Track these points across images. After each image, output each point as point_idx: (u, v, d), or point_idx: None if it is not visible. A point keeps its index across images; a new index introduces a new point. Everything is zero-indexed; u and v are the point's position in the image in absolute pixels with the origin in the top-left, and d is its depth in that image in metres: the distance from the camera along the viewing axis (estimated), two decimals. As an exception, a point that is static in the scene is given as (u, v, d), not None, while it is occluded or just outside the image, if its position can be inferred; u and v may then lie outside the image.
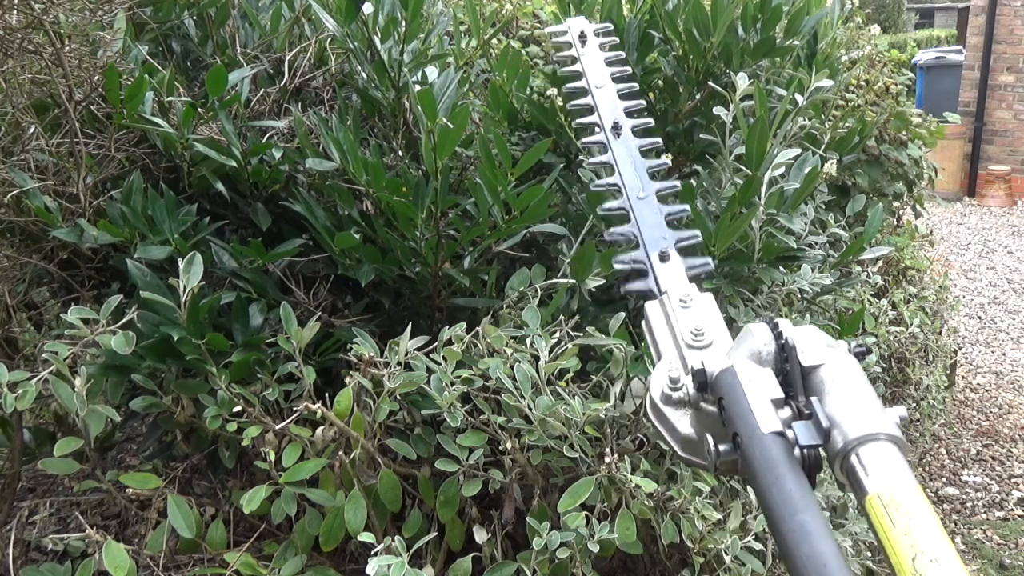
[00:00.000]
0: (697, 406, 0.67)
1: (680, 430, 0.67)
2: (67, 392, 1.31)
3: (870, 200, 2.83)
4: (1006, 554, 3.06)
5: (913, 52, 8.85)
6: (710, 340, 0.73)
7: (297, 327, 1.44)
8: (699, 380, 0.66)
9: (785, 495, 0.54)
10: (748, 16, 1.86)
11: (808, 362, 0.63)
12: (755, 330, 0.66)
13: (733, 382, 0.62)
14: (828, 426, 0.58)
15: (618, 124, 1.03)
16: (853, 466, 0.57)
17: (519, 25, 3.02)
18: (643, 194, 0.95)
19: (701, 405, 0.66)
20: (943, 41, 14.00)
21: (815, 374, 0.63)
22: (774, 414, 0.59)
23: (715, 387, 0.64)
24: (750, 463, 0.57)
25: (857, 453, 0.57)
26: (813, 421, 0.59)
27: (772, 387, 0.62)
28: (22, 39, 1.47)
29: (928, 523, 0.53)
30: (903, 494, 0.54)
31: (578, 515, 1.35)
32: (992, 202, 8.59)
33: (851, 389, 0.60)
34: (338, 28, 1.70)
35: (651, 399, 0.70)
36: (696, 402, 0.67)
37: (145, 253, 1.45)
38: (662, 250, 0.88)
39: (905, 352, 2.95)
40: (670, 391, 0.68)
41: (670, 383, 0.68)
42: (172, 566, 1.43)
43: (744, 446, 0.58)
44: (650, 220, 0.93)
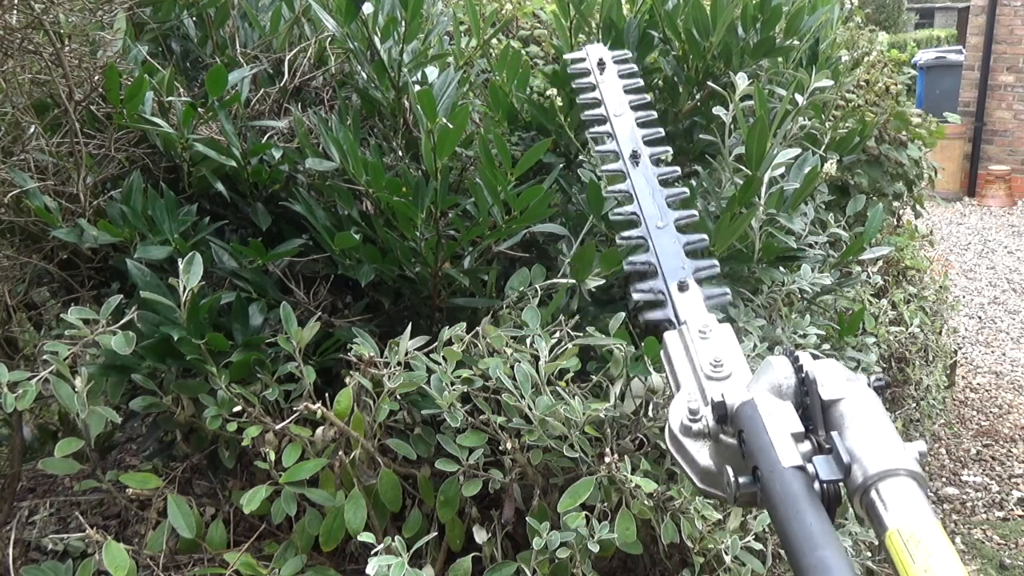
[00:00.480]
0: (717, 438, 0.67)
1: (699, 462, 0.68)
2: (67, 392, 1.31)
3: (870, 200, 2.83)
4: (1006, 554, 3.06)
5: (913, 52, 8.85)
6: (729, 372, 0.73)
7: (297, 327, 1.44)
8: (719, 412, 0.65)
9: (806, 530, 0.54)
10: (748, 16, 1.86)
11: (828, 396, 0.63)
12: (775, 363, 0.66)
13: (753, 415, 0.62)
14: (848, 461, 0.58)
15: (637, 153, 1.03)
16: (873, 501, 0.57)
17: (519, 25, 3.02)
18: (662, 223, 0.95)
19: (721, 437, 0.66)
20: (943, 41, 14.00)
21: (835, 408, 0.63)
22: (794, 448, 0.60)
23: (735, 420, 0.64)
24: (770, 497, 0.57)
25: (877, 488, 0.57)
26: (833, 456, 0.59)
27: (792, 421, 0.62)
28: (22, 39, 1.47)
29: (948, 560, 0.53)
30: (923, 530, 0.54)
31: (578, 515, 1.35)
32: (992, 202, 8.59)
33: (871, 424, 0.60)
34: (338, 28, 1.70)
35: (670, 430, 0.70)
36: (716, 434, 0.67)
37: (145, 253, 1.45)
38: (681, 280, 0.88)
39: (905, 352, 2.95)
40: (690, 422, 0.68)
41: (689, 414, 0.69)
42: (172, 566, 1.43)
43: (764, 480, 0.58)
44: (669, 249, 0.93)
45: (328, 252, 1.60)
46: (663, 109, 2.03)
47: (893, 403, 2.95)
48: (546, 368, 1.42)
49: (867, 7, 13.07)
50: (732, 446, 0.65)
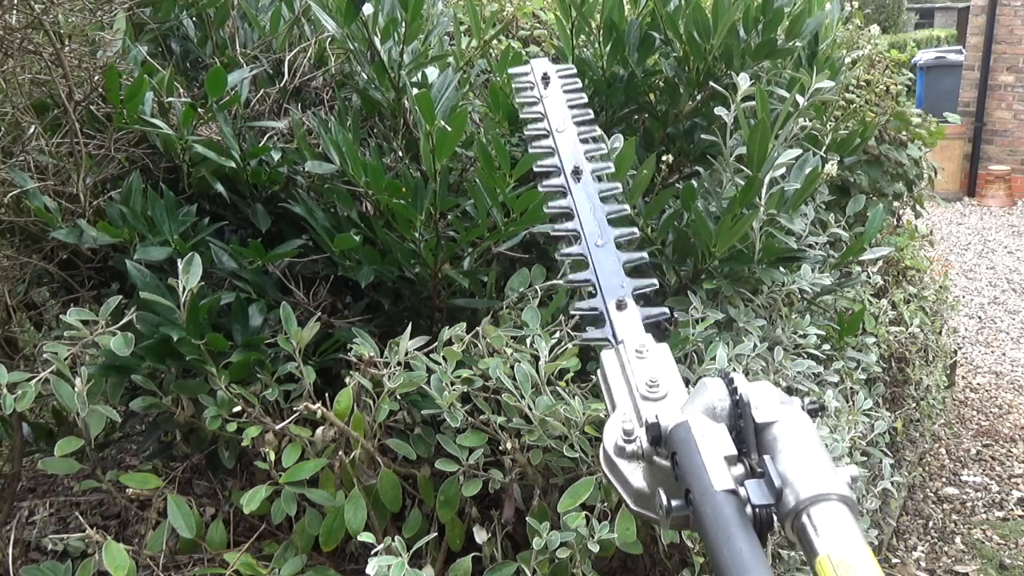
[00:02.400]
0: (650, 460, 0.66)
1: (633, 483, 0.67)
2: (68, 392, 1.31)
3: (870, 200, 2.82)
4: (1006, 554, 3.06)
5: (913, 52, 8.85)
6: (665, 392, 0.73)
7: (297, 327, 1.44)
8: (653, 434, 0.64)
9: (736, 555, 0.54)
10: (749, 18, 1.86)
11: (761, 419, 0.62)
12: (710, 385, 0.66)
13: (687, 437, 0.61)
14: (780, 485, 0.58)
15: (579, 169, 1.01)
16: (804, 526, 0.56)
17: (519, 25, 3.02)
18: (601, 241, 0.94)
19: (654, 459, 0.65)
20: (943, 41, 13.99)
21: (768, 431, 0.62)
22: (727, 472, 0.59)
23: (669, 442, 0.63)
24: (701, 521, 0.57)
25: (808, 513, 0.56)
26: (765, 480, 0.58)
27: (726, 444, 0.61)
28: (22, 39, 1.47)
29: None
30: (853, 556, 0.54)
31: (578, 515, 1.35)
32: (992, 202, 8.58)
33: (803, 448, 0.60)
34: (338, 29, 1.70)
35: (604, 450, 0.69)
36: (649, 456, 0.66)
37: (145, 254, 1.45)
38: (619, 298, 0.86)
39: (905, 352, 2.95)
40: (624, 443, 0.67)
41: (624, 435, 0.67)
42: (172, 566, 1.43)
43: (696, 503, 0.58)
44: (608, 268, 0.91)
45: (328, 253, 1.60)
46: (664, 110, 2.03)
47: (893, 403, 2.94)
48: (546, 368, 1.42)
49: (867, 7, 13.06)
50: (665, 468, 0.64)
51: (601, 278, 0.90)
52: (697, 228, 1.69)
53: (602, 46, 1.94)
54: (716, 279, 1.79)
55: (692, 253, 1.78)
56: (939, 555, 3.06)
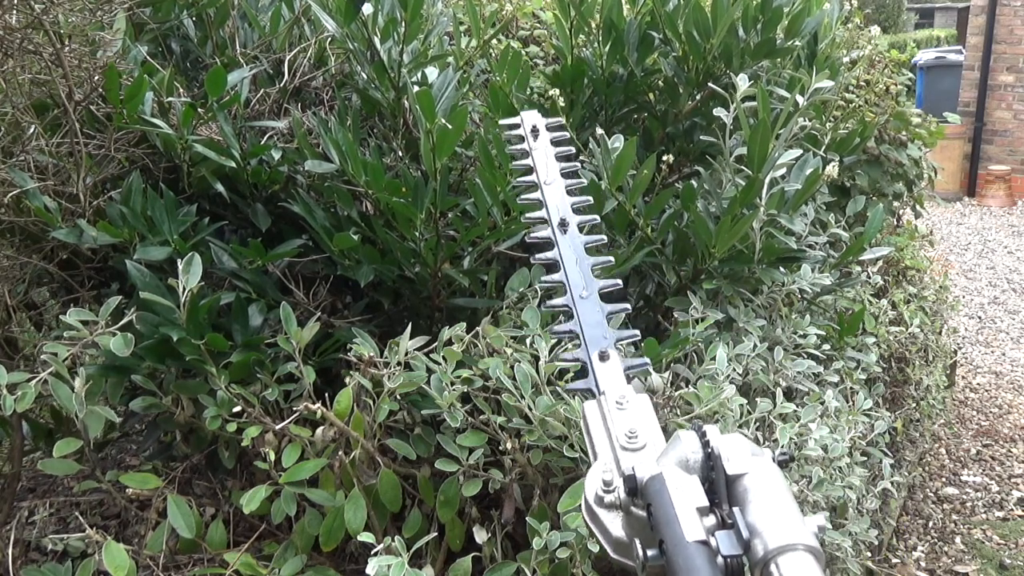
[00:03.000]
0: (628, 510, 0.67)
1: (612, 532, 0.68)
2: (66, 393, 1.31)
3: (870, 200, 2.82)
4: (1006, 554, 3.06)
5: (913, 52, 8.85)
6: (643, 443, 0.74)
7: (296, 327, 1.44)
8: (630, 485, 0.66)
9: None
10: (748, 17, 1.86)
11: (733, 471, 0.65)
12: (684, 437, 0.68)
13: (661, 489, 0.63)
14: (748, 536, 0.60)
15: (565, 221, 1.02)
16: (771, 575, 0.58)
17: (519, 25, 3.02)
18: (586, 293, 0.94)
19: (632, 509, 0.67)
20: (943, 41, 13.98)
21: (739, 483, 0.64)
22: (699, 523, 0.61)
23: (644, 493, 0.65)
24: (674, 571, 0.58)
25: (776, 563, 0.58)
26: (735, 530, 0.60)
27: (698, 495, 0.63)
28: (22, 39, 1.47)
29: None
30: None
31: (578, 515, 1.35)
32: (992, 202, 8.58)
33: (772, 498, 0.62)
34: (338, 28, 1.70)
35: (585, 500, 0.70)
36: (627, 506, 0.67)
37: (145, 254, 1.45)
38: (602, 349, 0.86)
39: (905, 352, 2.94)
40: (603, 493, 0.69)
41: (604, 485, 0.69)
42: (172, 566, 1.43)
43: (669, 553, 0.60)
44: (591, 319, 0.91)
45: (327, 253, 1.60)
46: (663, 109, 2.03)
47: (893, 403, 2.94)
48: (546, 368, 1.42)
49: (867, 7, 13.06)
50: (642, 519, 0.65)
51: (585, 329, 0.90)
52: (697, 228, 1.69)
53: (601, 45, 1.94)
54: (716, 279, 1.79)
55: (692, 253, 1.78)
56: (939, 555, 3.06)
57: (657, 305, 1.89)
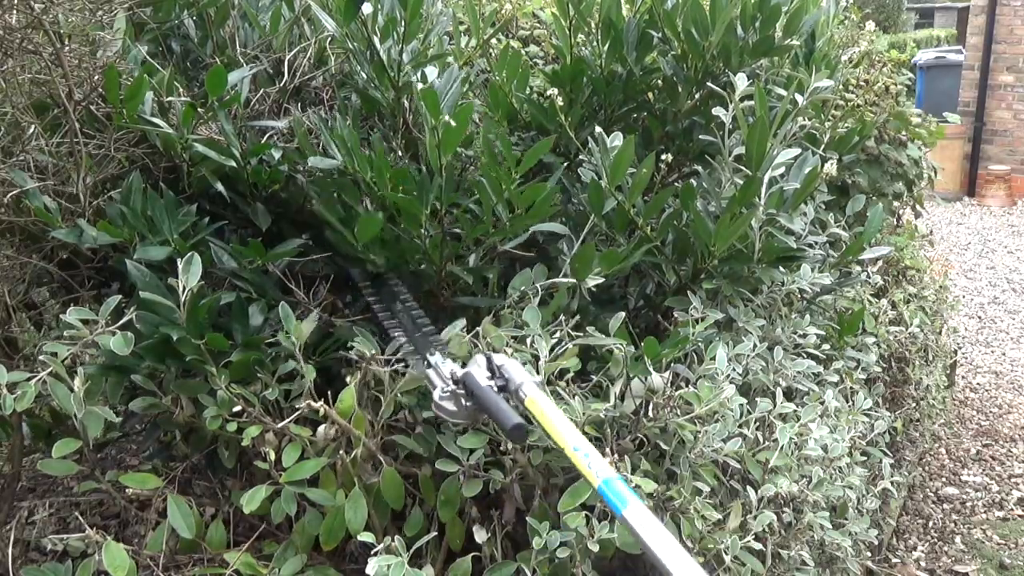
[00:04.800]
0: (455, 394, 1.32)
1: (449, 408, 1.32)
2: (65, 393, 1.31)
3: (870, 200, 2.82)
4: (1006, 554, 3.06)
5: (913, 52, 8.85)
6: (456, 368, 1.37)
7: (296, 323, 1.44)
8: (456, 379, 1.32)
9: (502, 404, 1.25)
10: (747, 15, 1.86)
11: (497, 362, 1.33)
12: (477, 357, 1.35)
13: (470, 375, 1.30)
14: (509, 381, 1.29)
15: None
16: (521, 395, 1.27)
17: (519, 25, 3.02)
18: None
19: (456, 392, 1.31)
20: (943, 41, 13.98)
21: (502, 368, 1.32)
22: (487, 380, 1.30)
23: (462, 381, 1.31)
24: (480, 398, 1.26)
25: (522, 389, 1.28)
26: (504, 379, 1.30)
27: (484, 374, 1.31)
28: (22, 39, 1.47)
29: (561, 419, 1.22)
30: (541, 400, 1.25)
31: (578, 515, 1.35)
32: (992, 202, 8.59)
33: (516, 369, 1.31)
34: (338, 28, 1.70)
35: (434, 402, 1.34)
36: (454, 392, 1.32)
37: (145, 254, 1.45)
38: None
39: (905, 352, 2.94)
40: (443, 393, 1.33)
41: (442, 392, 1.33)
42: (172, 566, 1.43)
43: (477, 394, 1.28)
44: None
45: (331, 251, 1.60)
46: (663, 108, 2.03)
47: (893, 403, 2.94)
48: (546, 368, 1.42)
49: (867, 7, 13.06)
50: (460, 394, 1.31)
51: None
52: (696, 228, 1.69)
53: (600, 44, 1.94)
54: (716, 279, 1.79)
55: (691, 252, 1.78)
56: (939, 555, 3.06)
57: (657, 305, 1.89)
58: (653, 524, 1.04)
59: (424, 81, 1.78)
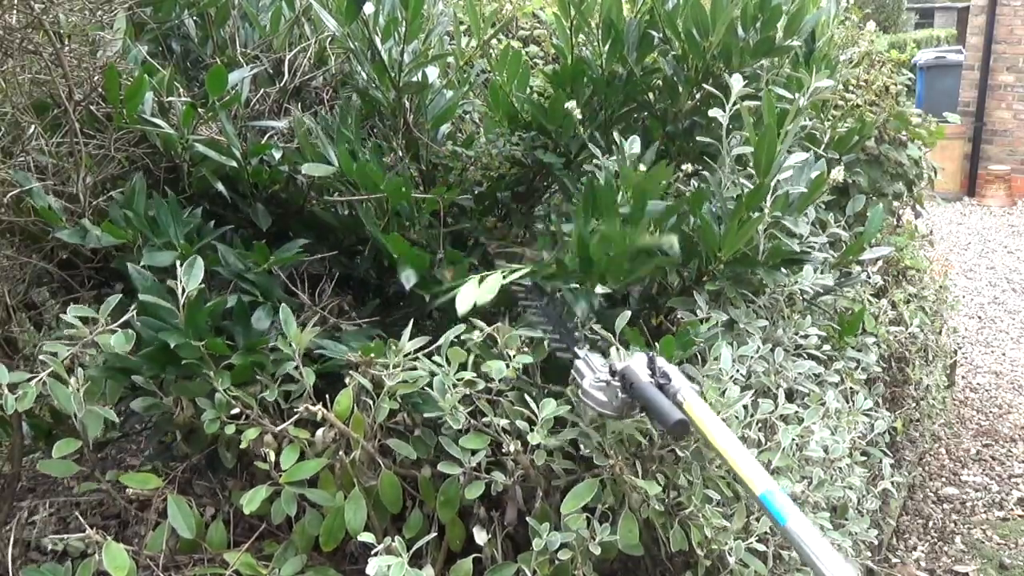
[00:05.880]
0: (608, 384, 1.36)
1: (599, 397, 1.37)
2: (64, 394, 1.30)
3: (870, 200, 2.82)
4: (1006, 554, 3.06)
5: (913, 52, 8.83)
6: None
7: (296, 329, 1.43)
8: (613, 371, 1.36)
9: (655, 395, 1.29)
10: (747, 16, 1.86)
11: (660, 365, 1.36)
12: (636, 355, 1.39)
13: (629, 370, 1.34)
14: (669, 383, 1.32)
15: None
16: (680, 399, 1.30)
17: (519, 25, 3.02)
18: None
19: (612, 383, 1.35)
20: (943, 41, 13.97)
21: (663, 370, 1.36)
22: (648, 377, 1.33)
23: (620, 374, 1.34)
24: (641, 395, 1.30)
25: (682, 394, 1.31)
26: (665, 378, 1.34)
27: (645, 371, 1.34)
28: (22, 39, 1.47)
29: (721, 428, 1.24)
30: (699, 405, 1.29)
31: (579, 516, 1.34)
32: (992, 202, 8.58)
33: (677, 374, 1.35)
34: (338, 28, 1.69)
35: (581, 388, 1.39)
36: (608, 383, 1.36)
37: (151, 259, 1.44)
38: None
39: (905, 352, 2.94)
40: (594, 382, 1.38)
41: (595, 380, 1.38)
42: (172, 566, 1.43)
43: (637, 389, 1.31)
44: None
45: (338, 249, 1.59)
46: (663, 109, 2.03)
47: (893, 403, 2.94)
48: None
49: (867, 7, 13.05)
50: (616, 386, 1.35)
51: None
52: (704, 232, 1.68)
53: (601, 45, 1.93)
54: (719, 280, 1.78)
55: (697, 255, 1.77)
56: (939, 555, 3.06)
57: (659, 305, 1.89)
58: (816, 538, 1.07)
59: (425, 81, 1.78)
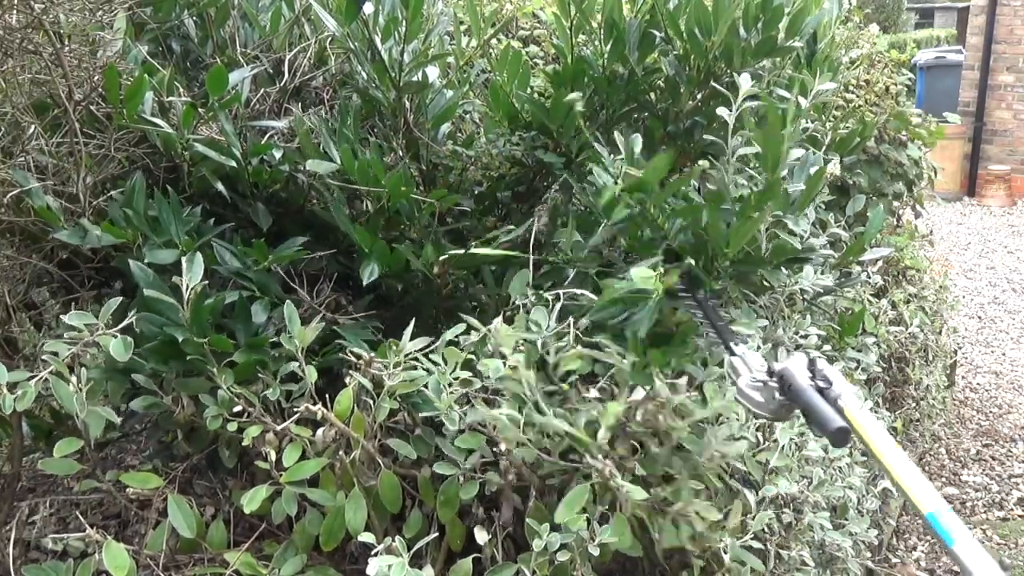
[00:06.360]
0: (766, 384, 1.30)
1: (755, 398, 1.31)
2: (67, 393, 1.30)
3: (870, 200, 2.82)
4: (1006, 554, 3.06)
5: (913, 52, 8.83)
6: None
7: (300, 328, 1.44)
8: (770, 371, 1.30)
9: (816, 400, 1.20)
10: (749, 16, 1.86)
11: (820, 366, 1.26)
12: (796, 356, 1.29)
13: (788, 371, 1.27)
14: (829, 386, 1.23)
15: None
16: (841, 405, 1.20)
17: (519, 25, 3.02)
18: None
19: (769, 384, 1.29)
20: (943, 41, 13.97)
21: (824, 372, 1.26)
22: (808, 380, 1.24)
23: (779, 375, 1.28)
24: (800, 398, 1.22)
25: (842, 398, 1.20)
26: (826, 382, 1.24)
27: (805, 374, 1.26)
28: (22, 39, 1.47)
29: (886, 440, 1.14)
30: (864, 414, 1.18)
31: (578, 518, 1.34)
32: (992, 202, 8.58)
33: (837, 377, 1.24)
34: (338, 28, 1.69)
35: (739, 388, 1.33)
36: (765, 383, 1.30)
37: (153, 257, 1.44)
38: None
39: (905, 352, 2.95)
40: (751, 382, 1.32)
41: (751, 380, 1.32)
42: (172, 566, 1.43)
43: (796, 391, 1.23)
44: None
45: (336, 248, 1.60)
46: (664, 109, 2.03)
47: (893, 403, 2.94)
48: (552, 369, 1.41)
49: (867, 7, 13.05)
50: (772, 388, 1.29)
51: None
52: (713, 231, 1.68)
53: (602, 44, 1.93)
54: (723, 279, 1.78)
55: (704, 254, 1.77)
56: (939, 555, 3.06)
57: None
58: (986, 561, 1.05)
59: (425, 81, 1.78)
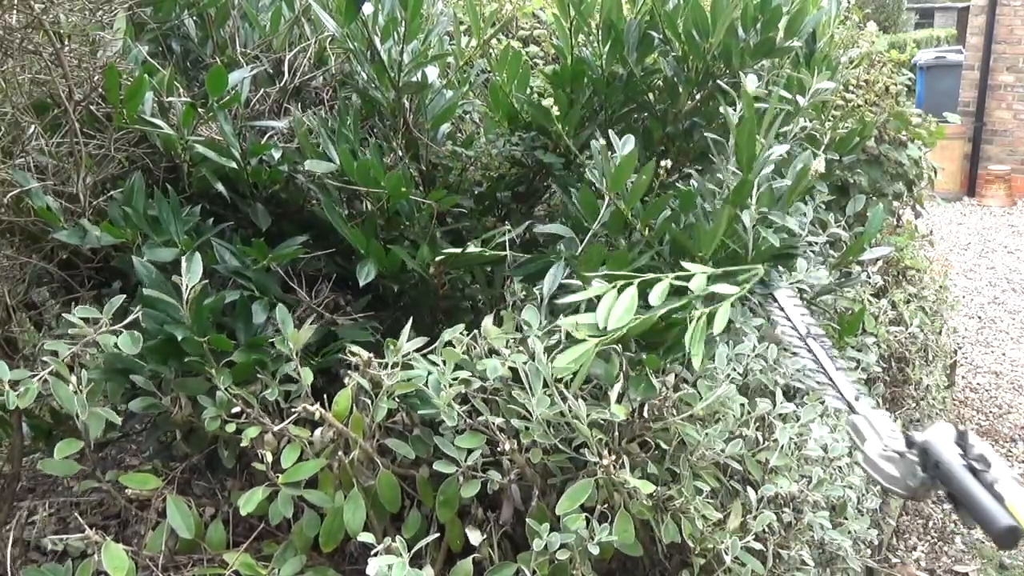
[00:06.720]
0: (902, 457, 1.14)
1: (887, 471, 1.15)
2: (67, 393, 1.31)
3: (870, 200, 2.82)
4: (1006, 554, 3.06)
5: (913, 52, 8.84)
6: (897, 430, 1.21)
7: (293, 329, 1.44)
8: (910, 443, 1.13)
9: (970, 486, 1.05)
10: (748, 16, 1.86)
11: (971, 441, 1.10)
12: (940, 424, 1.13)
13: (934, 446, 1.10)
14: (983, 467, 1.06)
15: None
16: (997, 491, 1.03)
17: (519, 25, 3.02)
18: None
19: (907, 456, 1.13)
20: (943, 41, 13.96)
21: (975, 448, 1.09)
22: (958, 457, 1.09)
23: (921, 448, 1.12)
24: (950, 478, 1.07)
25: (999, 482, 1.04)
26: (982, 462, 1.07)
27: (952, 449, 1.10)
28: (22, 39, 1.47)
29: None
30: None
31: (578, 516, 1.34)
32: (992, 202, 8.58)
33: (993, 455, 1.08)
34: (338, 28, 1.70)
35: (867, 457, 1.17)
36: (902, 456, 1.14)
37: (153, 255, 1.45)
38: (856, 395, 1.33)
39: (905, 352, 2.95)
40: (883, 452, 1.16)
41: (883, 448, 1.17)
42: (171, 566, 1.43)
43: (946, 471, 1.08)
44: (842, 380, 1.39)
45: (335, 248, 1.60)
46: (663, 109, 2.03)
47: (893, 403, 2.94)
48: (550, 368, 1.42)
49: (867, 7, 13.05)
50: (912, 461, 1.12)
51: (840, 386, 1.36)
52: (696, 230, 1.69)
53: (601, 45, 1.94)
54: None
55: (688, 254, 1.77)
56: (939, 555, 3.06)
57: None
58: None
59: (424, 81, 1.78)
